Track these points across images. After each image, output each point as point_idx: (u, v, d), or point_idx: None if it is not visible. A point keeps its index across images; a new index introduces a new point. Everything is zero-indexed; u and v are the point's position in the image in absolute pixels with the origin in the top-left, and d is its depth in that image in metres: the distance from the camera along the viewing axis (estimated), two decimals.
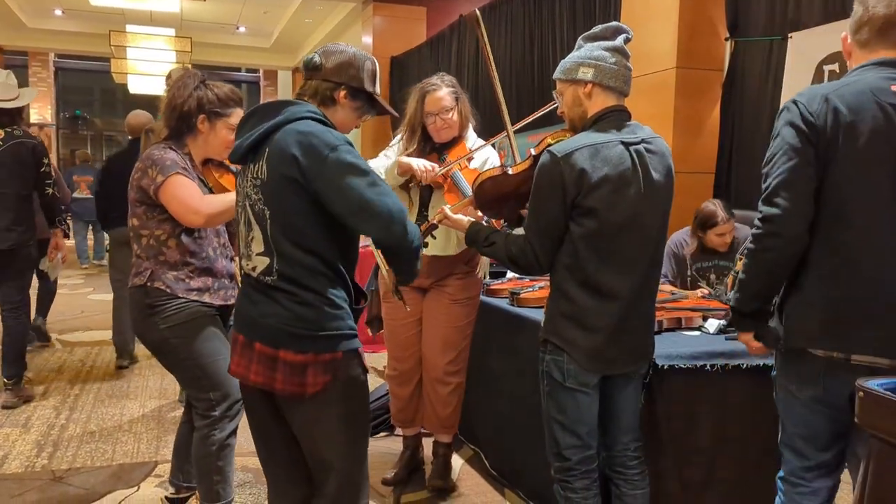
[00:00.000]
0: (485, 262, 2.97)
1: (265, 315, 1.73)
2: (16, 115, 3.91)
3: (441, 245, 2.72)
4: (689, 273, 3.52)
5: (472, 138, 2.84)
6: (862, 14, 1.74)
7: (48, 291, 5.34)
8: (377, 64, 1.89)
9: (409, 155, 2.74)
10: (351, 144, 1.71)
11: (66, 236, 4.35)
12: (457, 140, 2.79)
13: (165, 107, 2.38)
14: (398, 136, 2.90)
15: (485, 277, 3.11)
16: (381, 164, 2.77)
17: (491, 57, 2.51)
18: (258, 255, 1.75)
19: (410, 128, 2.80)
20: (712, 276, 3.47)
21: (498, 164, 2.83)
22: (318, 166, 1.66)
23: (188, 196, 2.26)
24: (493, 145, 2.86)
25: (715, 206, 3.35)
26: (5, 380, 4.05)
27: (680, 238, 3.59)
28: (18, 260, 3.73)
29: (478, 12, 2.56)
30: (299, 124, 1.70)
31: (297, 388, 1.71)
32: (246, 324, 1.79)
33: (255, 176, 1.74)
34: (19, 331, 4.04)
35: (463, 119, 2.79)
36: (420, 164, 2.64)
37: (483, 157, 2.80)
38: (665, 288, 3.03)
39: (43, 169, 3.91)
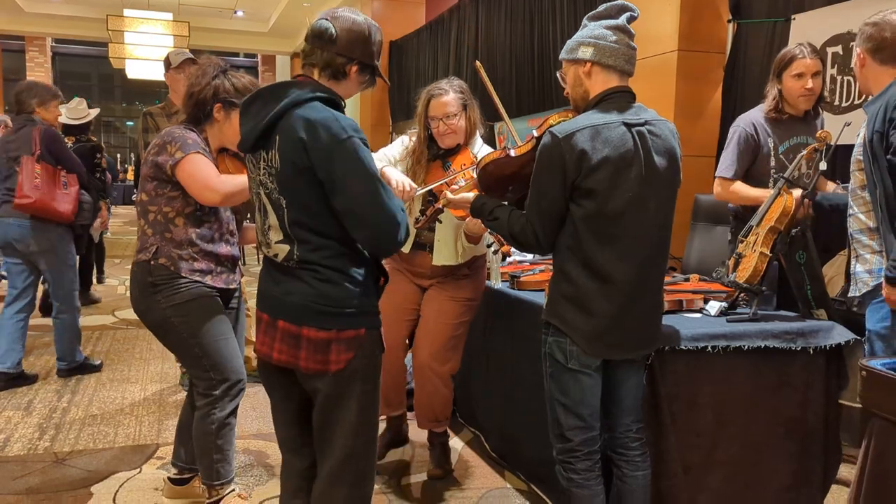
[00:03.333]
0: (495, 269, 2.96)
1: (289, 293, 1.73)
2: (84, 128, 5.63)
3: (447, 255, 2.73)
4: (772, 162, 2.90)
5: (478, 145, 2.80)
6: None
7: (101, 252, 7.34)
8: (382, 33, 1.87)
9: (419, 160, 2.73)
10: (359, 132, 1.69)
11: (108, 209, 5.98)
12: (461, 147, 2.75)
13: (185, 92, 2.40)
14: (405, 137, 2.86)
15: (496, 283, 3.05)
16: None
17: (497, 100, 2.62)
18: (277, 242, 1.75)
19: (419, 134, 2.78)
20: (803, 163, 2.75)
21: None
22: (324, 157, 1.64)
23: (206, 174, 2.28)
24: (495, 130, 2.86)
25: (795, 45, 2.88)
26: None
27: (752, 117, 2.95)
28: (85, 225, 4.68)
29: (478, 63, 2.72)
30: (306, 109, 1.67)
31: (321, 365, 1.72)
32: (269, 303, 1.79)
33: (268, 164, 1.71)
34: (87, 263, 6.42)
35: (470, 126, 2.74)
36: (398, 181, 2.51)
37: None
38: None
39: (95, 161, 5.37)
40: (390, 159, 2.80)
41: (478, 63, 2.83)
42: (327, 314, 1.70)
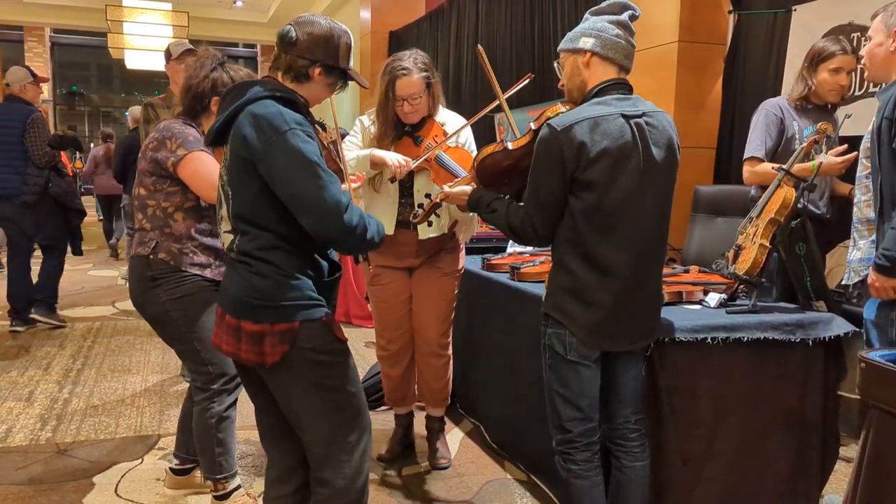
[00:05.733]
0: (473, 231, 2.98)
1: (229, 287, 1.80)
2: None
3: (435, 227, 2.73)
4: (796, 145, 2.93)
5: (442, 114, 2.80)
6: None
7: None
8: (352, 37, 1.89)
9: (383, 139, 2.70)
10: (304, 126, 1.71)
11: None
12: (426, 119, 2.74)
13: (182, 85, 2.40)
14: (365, 118, 2.82)
15: (464, 242, 3.10)
16: (351, 154, 2.66)
17: (497, 85, 2.47)
18: (225, 232, 1.82)
19: (383, 113, 2.71)
20: (823, 149, 2.76)
21: (469, 133, 2.83)
22: (264, 149, 1.68)
23: (210, 173, 2.29)
24: (495, 121, 2.84)
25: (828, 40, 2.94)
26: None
27: (777, 101, 3.06)
28: None
29: (480, 47, 2.56)
30: (257, 105, 1.72)
31: (258, 357, 1.75)
32: (221, 296, 1.86)
33: (224, 159, 1.80)
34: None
35: (434, 101, 2.73)
36: (394, 160, 2.57)
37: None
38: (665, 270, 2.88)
39: None
40: (358, 146, 2.77)
41: (480, 48, 2.76)
42: (258, 307, 1.74)
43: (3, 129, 4.90)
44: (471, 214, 2.74)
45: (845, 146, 2.77)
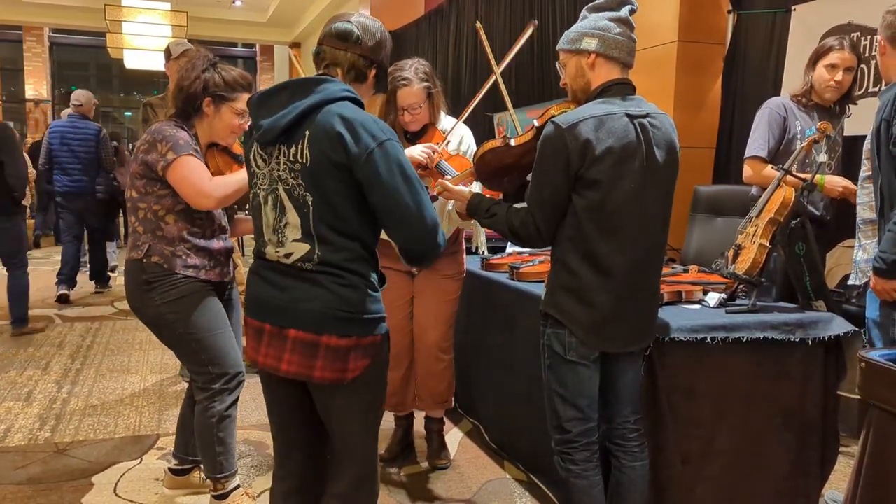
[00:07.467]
0: (481, 236, 2.98)
1: (303, 300, 1.66)
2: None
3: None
4: (797, 146, 2.92)
5: (444, 121, 2.79)
6: None
7: None
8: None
9: None
10: (394, 134, 1.67)
11: None
12: (427, 127, 2.73)
13: (174, 86, 2.37)
14: None
15: (482, 252, 3.12)
16: None
17: (494, 62, 2.51)
18: (295, 241, 1.67)
19: (385, 121, 2.71)
20: (823, 149, 2.76)
21: (471, 139, 2.82)
22: (365, 156, 1.59)
23: (198, 179, 2.25)
24: (494, 121, 2.84)
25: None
26: None
27: (781, 100, 3.09)
28: None
29: (479, 23, 2.57)
30: (341, 107, 1.63)
31: (339, 374, 1.66)
32: (273, 311, 1.70)
33: (292, 160, 1.64)
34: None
35: (434, 110, 2.72)
36: (419, 153, 2.54)
37: (456, 137, 2.75)
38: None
39: None
40: None
41: (479, 24, 2.72)
42: (349, 321, 1.65)
43: (82, 141, 6.16)
44: (472, 221, 2.74)
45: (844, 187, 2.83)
